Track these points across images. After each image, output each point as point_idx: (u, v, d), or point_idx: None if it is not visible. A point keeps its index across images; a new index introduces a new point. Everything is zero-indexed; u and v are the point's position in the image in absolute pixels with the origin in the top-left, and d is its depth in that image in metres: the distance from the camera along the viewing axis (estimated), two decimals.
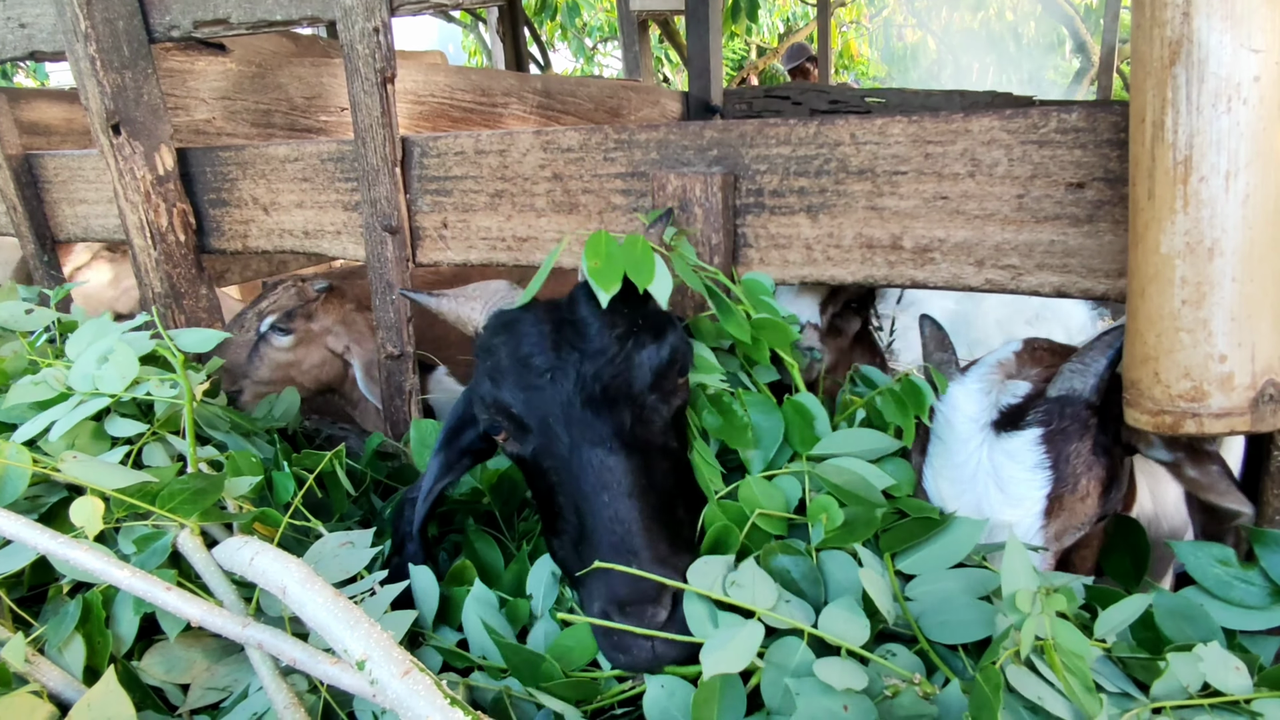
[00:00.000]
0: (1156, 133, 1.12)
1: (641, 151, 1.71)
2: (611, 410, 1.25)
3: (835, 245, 1.59)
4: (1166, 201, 1.12)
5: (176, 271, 2.32)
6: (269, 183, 2.23)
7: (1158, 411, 1.17)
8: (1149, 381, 1.17)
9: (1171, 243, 1.12)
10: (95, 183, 2.50)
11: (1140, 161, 1.16)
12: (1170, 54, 1.09)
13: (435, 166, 1.96)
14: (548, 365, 1.28)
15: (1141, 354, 1.18)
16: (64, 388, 1.58)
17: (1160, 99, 1.11)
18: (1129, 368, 1.22)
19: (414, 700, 0.95)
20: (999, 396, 1.33)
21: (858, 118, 1.52)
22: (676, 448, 1.35)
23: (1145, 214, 1.15)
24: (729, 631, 1.07)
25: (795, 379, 1.49)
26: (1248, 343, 1.11)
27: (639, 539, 1.18)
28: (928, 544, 1.23)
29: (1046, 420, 1.26)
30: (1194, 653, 0.99)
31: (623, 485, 1.21)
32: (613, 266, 1.28)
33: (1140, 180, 1.16)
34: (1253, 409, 1.13)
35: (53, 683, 1.18)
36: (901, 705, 1.01)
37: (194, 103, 2.80)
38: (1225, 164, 1.08)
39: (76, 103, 3.19)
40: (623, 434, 1.25)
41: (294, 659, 1.11)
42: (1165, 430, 1.17)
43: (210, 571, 1.28)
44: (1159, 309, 1.14)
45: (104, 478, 1.32)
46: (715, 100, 4.77)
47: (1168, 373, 1.15)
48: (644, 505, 1.21)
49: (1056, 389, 1.28)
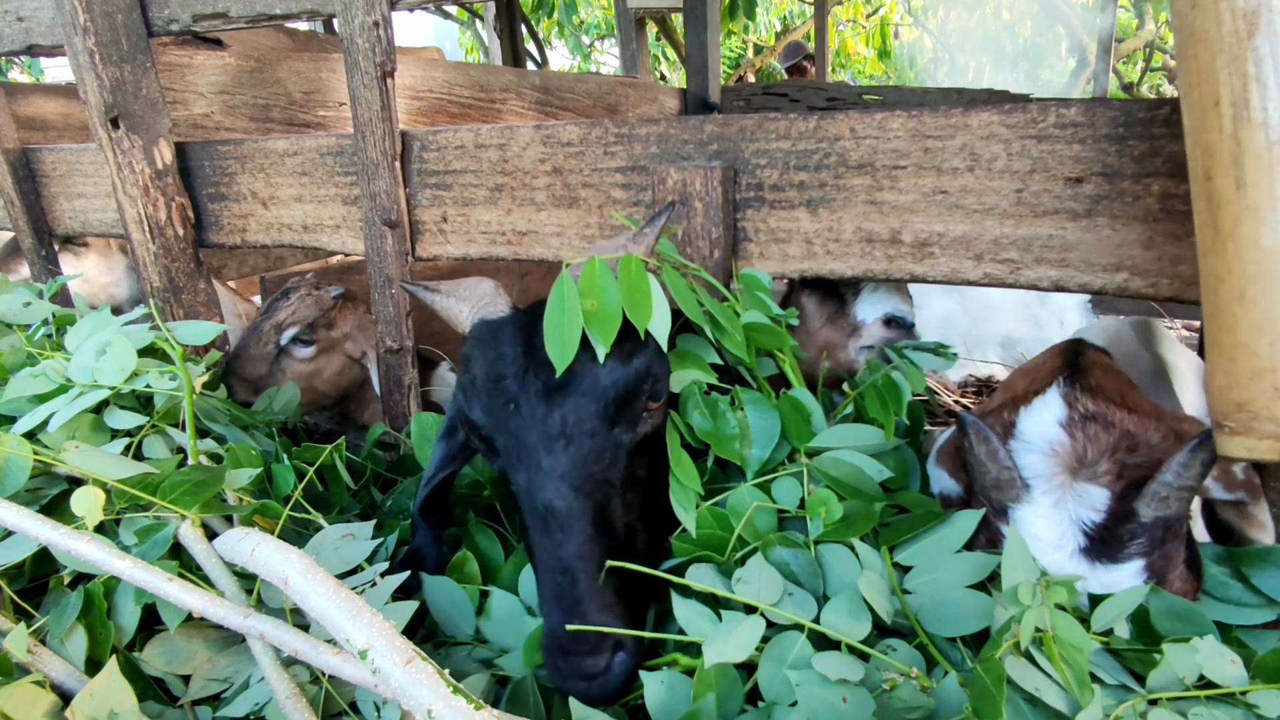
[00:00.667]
0: (1239, 114, 1.00)
1: (642, 146, 1.72)
2: (567, 447, 1.20)
3: (835, 239, 1.59)
4: (1263, 188, 0.99)
5: (175, 266, 2.32)
6: (268, 177, 2.23)
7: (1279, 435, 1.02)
8: (1267, 399, 1.02)
9: (1276, 234, 0.99)
10: (93, 177, 2.50)
11: (1217, 150, 1.03)
12: (1247, 25, 0.98)
13: (435, 161, 1.97)
14: (514, 392, 1.24)
15: (1251, 369, 1.03)
16: (63, 380, 1.58)
17: (1240, 76, 0.99)
18: (1229, 391, 1.07)
19: (417, 689, 0.95)
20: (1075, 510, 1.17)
21: (857, 112, 1.52)
22: (645, 475, 1.31)
23: (1234, 207, 1.02)
24: (730, 625, 1.08)
25: (790, 375, 1.50)
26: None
27: (582, 589, 1.15)
28: (926, 536, 1.23)
29: (1148, 550, 1.12)
30: (1190, 645, 1.00)
31: (571, 532, 1.17)
32: (608, 308, 1.20)
33: (1221, 170, 1.03)
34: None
35: (55, 673, 1.18)
36: (900, 698, 1.02)
37: (192, 97, 2.80)
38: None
39: (73, 98, 3.18)
40: (576, 475, 1.19)
41: (296, 649, 1.11)
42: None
43: (211, 563, 1.28)
44: (1268, 311, 1.00)
45: (106, 468, 1.32)
46: (713, 97, 4.78)
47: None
48: (593, 550, 1.17)
49: (1151, 511, 1.11)
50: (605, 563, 1.18)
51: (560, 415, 1.20)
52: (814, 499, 1.28)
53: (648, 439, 1.29)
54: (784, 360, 1.50)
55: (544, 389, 1.22)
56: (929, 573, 1.18)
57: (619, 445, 1.24)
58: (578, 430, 1.20)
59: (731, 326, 1.42)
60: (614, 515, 1.23)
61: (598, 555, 1.18)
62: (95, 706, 1.09)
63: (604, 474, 1.22)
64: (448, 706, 0.92)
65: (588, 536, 1.17)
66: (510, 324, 1.32)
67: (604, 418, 1.22)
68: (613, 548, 1.21)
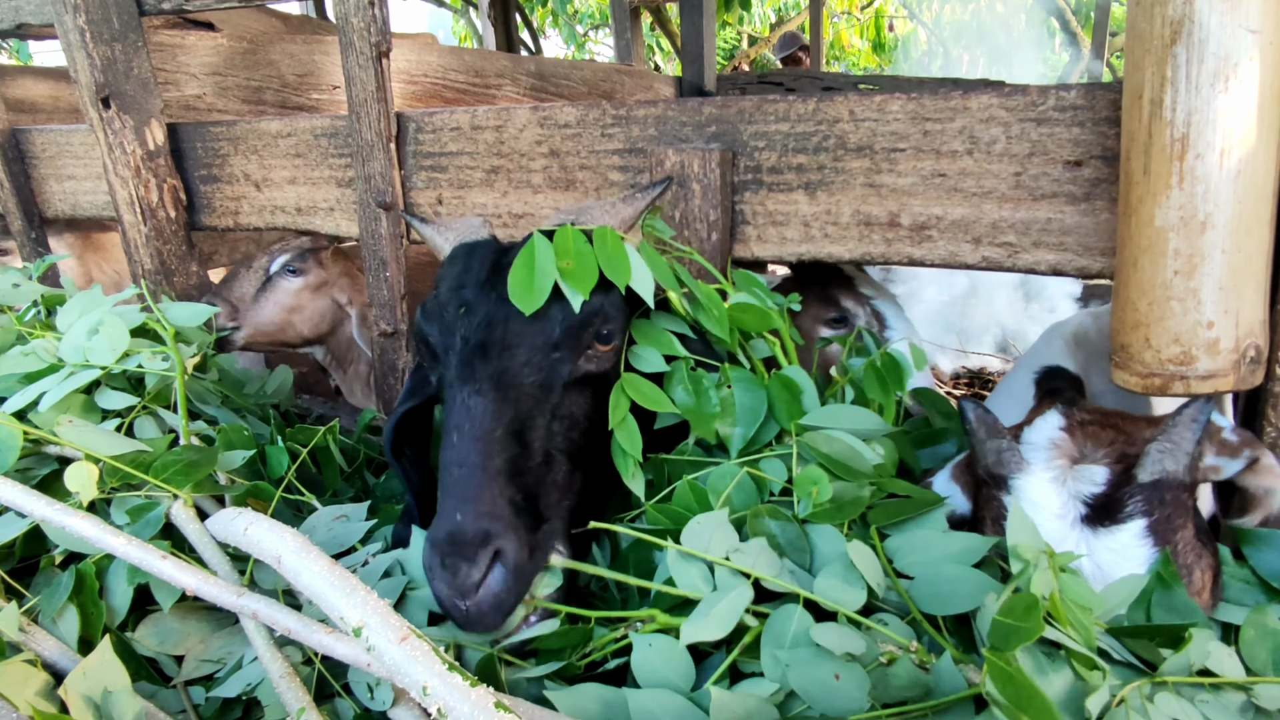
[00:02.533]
0: (1155, 110, 1.15)
1: (639, 127, 1.71)
2: (502, 354, 1.19)
3: (833, 223, 1.59)
4: (1162, 177, 1.16)
5: (167, 248, 2.30)
6: (261, 158, 2.21)
7: (1147, 374, 1.23)
8: (1139, 346, 1.23)
9: (1166, 216, 1.16)
10: (84, 158, 2.47)
11: (1136, 138, 1.19)
12: (1172, 33, 1.11)
13: (430, 142, 1.95)
14: (470, 298, 1.26)
15: (1133, 320, 1.23)
16: (54, 359, 1.56)
17: (1160, 77, 1.14)
18: (1118, 333, 1.27)
19: (412, 666, 0.94)
20: (1075, 485, 1.20)
21: (857, 95, 1.52)
22: (582, 417, 1.28)
23: (1140, 188, 1.19)
24: (719, 595, 1.07)
25: (779, 356, 1.48)
26: (1233, 310, 1.17)
27: (475, 488, 1.09)
28: (918, 521, 1.22)
29: (1148, 509, 1.13)
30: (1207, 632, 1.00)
31: (479, 427, 1.13)
32: (585, 266, 1.21)
33: (1135, 156, 1.19)
34: (1235, 370, 1.20)
35: (47, 652, 1.17)
36: (897, 675, 1.01)
37: (184, 78, 2.77)
38: (1220, 142, 1.11)
39: (63, 80, 3.15)
40: (502, 379, 1.18)
41: (289, 628, 1.10)
42: (1154, 392, 1.23)
43: (204, 543, 1.27)
44: (1151, 279, 1.19)
45: (99, 444, 1.31)
46: (709, 86, 4.76)
47: (1158, 338, 1.20)
48: (500, 457, 1.13)
49: (1149, 473, 1.14)
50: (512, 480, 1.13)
51: (505, 324, 1.22)
52: (803, 477, 1.25)
53: (592, 380, 1.28)
54: (774, 342, 1.48)
55: (498, 299, 1.24)
56: (921, 552, 1.17)
57: (554, 368, 1.23)
58: (516, 339, 1.21)
59: (713, 305, 1.39)
60: (534, 435, 1.19)
61: (504, 465, 1.13)
62: (88, 685, 1.08)
63: (531, 389, 1.21)
64: (443, 683, 0.92)
65: (497, 442, 1.13)
66: (485, 246, 1.35)
67: (545, 336, 1.22)
68: (527, 470, 1.17)
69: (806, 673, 1.00)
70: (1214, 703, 0.97)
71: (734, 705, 0.97)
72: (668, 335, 1.35)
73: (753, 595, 1.08)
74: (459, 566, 1.04)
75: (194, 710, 1.20)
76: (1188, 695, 0.98)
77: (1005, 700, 0.84)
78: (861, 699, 0.96)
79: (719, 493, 1.26)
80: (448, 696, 0.90)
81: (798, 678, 1.00)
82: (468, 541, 1.06)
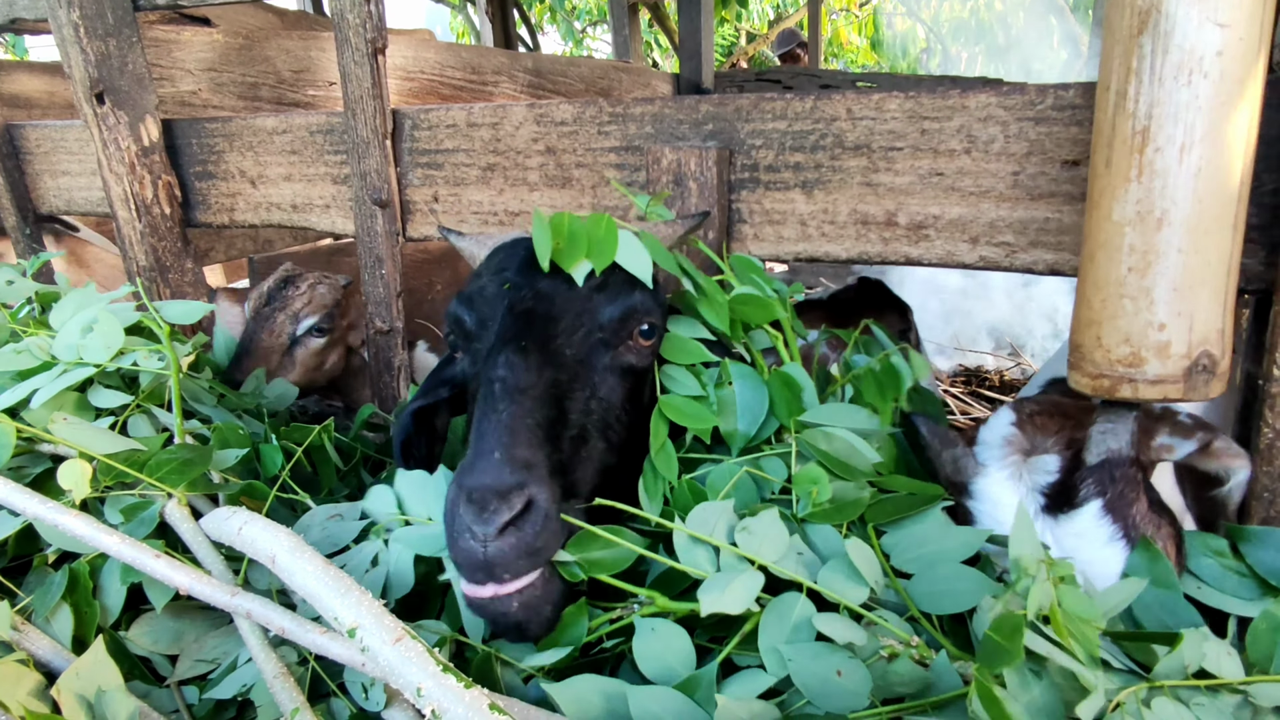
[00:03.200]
0: (1119, 101, 1.13)
1: (636, 125, 1.70)
2: (549, 323, 1.22)
3: (830, 221, 1.58)
4: (1122, 170, 1.13)
5: (162, 245, 2.29)
6: (256, 155, 2.20)
7: (1097, 375, 1.20)
8: (1091, 345, 1.19)
9: (1123, 211, 1.14)
10: (78, 154, 2.46)
11: (1102, 130, 1.17)
12: (1139, 23, 1.09)
13: (426, 140, 1.94)
14: (511, 279, 1.28)
15: (1086, 318, 1.20)
16: (47, 357, 1.55)
17: (1125, 68, 1.12)
18: (1074, 332, 1.23)
19: (406, 667, 0.94)
20: (1031, 478, 1.24)
21: (854, 93, 1.51)
22: (617, 405, 1.28)
23: (1101, 181, 1.17)
24: (728, 574, 1.06)
25: (780, 350, 1.48)
26: (1187, 313, 1.14)
27: (513, 435, 1.08)
28: (915, 518, 1.22)
29: (1101, 489, 1.18)
30: (1200, 632, 1.00)
31: (521, 380, 1.14)
32: (575, 245, 1.25)
33: (1100, 148, 1.17)
34: (1186, 378, 1.16)
35: (40, 651, 1.17)
36: (897, 672, 1.01)
37: (179, 74, 2.76)
38: (1181, 136, 1.09)
39: (58, 75, 3.14)
40: (548, 344, 1.20)
41: (283, 628, 1.10)
42: (1102, 394, 1.19)
43: (198, 542, 1.26)
44: (1106, 275, 1.16)
45: (94, 442, 1.30)
46: (706, 83, 4.75)
47: (1109, 337, 1.18)
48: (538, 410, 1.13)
49: (1095, 454, 1.20)
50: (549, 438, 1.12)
51: (552, 298, 1.24)
52: (802, 475, 1.24)
53: (630, 373, 1.30)
54: (777, 337, 1.47)
55: (545, 275, 1.26)
56: (918, 548, 1.17)
57: (596, 348, 1.26)
58: (563, 312, 1.23)
59: (715, 295, 1.39)
60: (572, 405, 1.20)
61: (542, 421, 1.12)
62: (81, 685, 1.07)
63: (574, 360, 1.22)
64: (437, 684, 0.91)
65: (537, 399, 1.14)
66: (526, 240, 1.35)
67: (591, 315, 1.25)
68: (561, 435, 1.16)
69: (809, 668, 1.00)
70: (1209, 705, 0.96)
71: (739, 712, 0.96)
72: (697, 346, 1.36)
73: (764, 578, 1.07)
74: (488, 502, 0.99)
75: (188, 710, 1.19)
76: (1184, 698, 0.98)
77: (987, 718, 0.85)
78: (863, 695, 0.96)
79: (719, 492, 1.25)
80: (442, 698, 0.90)
81: (799, 672, 1.00)
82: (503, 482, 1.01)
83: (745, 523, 1.13)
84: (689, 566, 1.10)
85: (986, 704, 0.84)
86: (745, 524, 1.13)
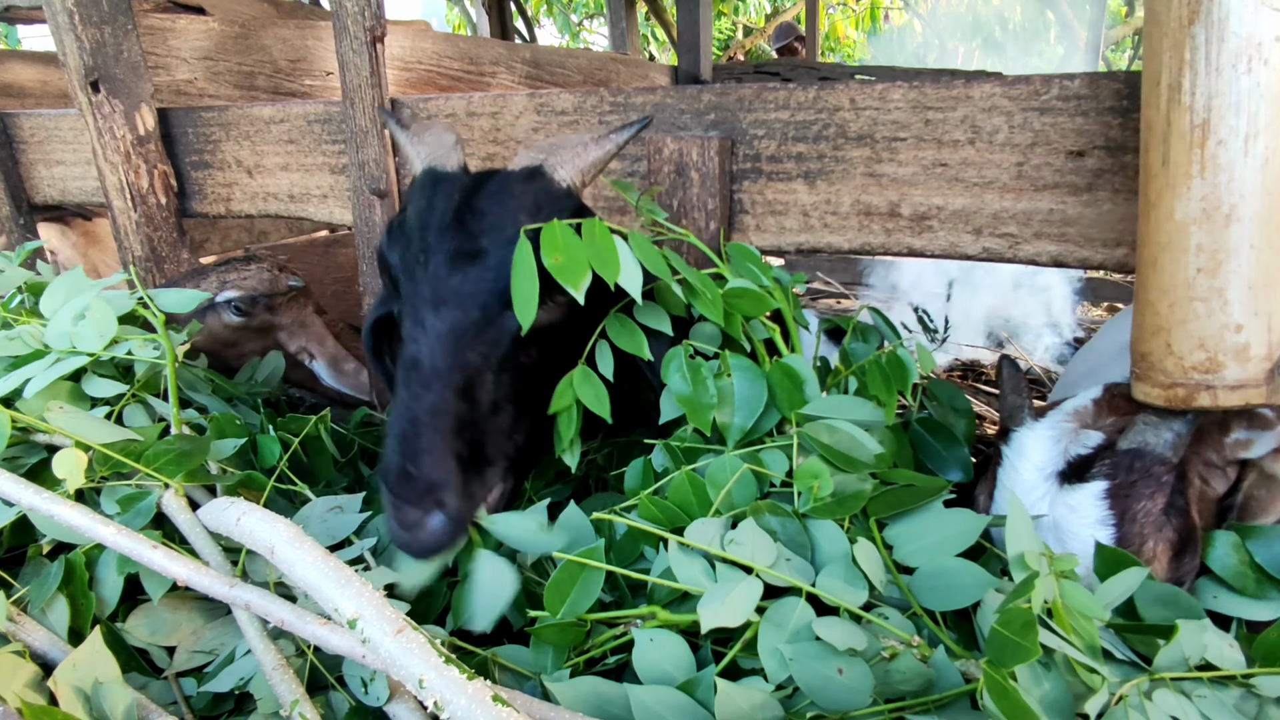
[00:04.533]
0: (1173, 95, 1.08)
1: (637, 115, 1.69)
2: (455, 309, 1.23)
3: (832, 212, 1.57)
4: (1182, 167, 1.08)
5: (157, 235, 2.27)
6: (253, 145, 2.18)
7: (1170, 385, 1.14)
8: (1160, 353, 1.14)
9: (1187, 209, 1.08)
10: (73, 143, 2.44)
11: (1154, 126, 1.12)
12: (1189, 13, 1.05)
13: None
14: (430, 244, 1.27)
15: (1153, 325, 1.15)
16: (40, 345, 1.54)
17: (1178, 60, 1.07)
18: (1138, 341, 1.18)
19: (408, 658, 0.93)
20: (1069, 446, 1.25)
21: (858, 83, 1.50)
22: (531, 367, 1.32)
23: (1159, 180, 1.12)
24: (727, 585, 1.05)
25: (780, 344, 1.45)
26: (1264, 312, 1.08)
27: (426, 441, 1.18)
28: (918, 512, 1.21)
29: (1113, 474, 1.17)
30: (1199, 624, 1.00)
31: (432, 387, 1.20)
32: (576, 261, 1.19)
33: (1154, 146, 1.13)
34: (1269, 380, 1.10)
35: (36, 643, 1.16)
36: (899, 670, 1.00)
37: (175, 62, 2.73)
38: (1244, 126, 1.04)
39: (51, 64, 3.11)
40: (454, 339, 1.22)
41: (282, 619, 1.09)
42: (1178, 404, 1.14)
43: (196, 533, 1.25)
44: (1173, 278, 1.11)
45: (90, 431, 1.29)
46: (704, 76, 4.73)
47: (1180, 344, 1.12)
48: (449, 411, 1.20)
49: (1128, 441, 1.18)
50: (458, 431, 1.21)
51: (460, 279, 1.23)
52: (804, 470, 1.23)
53: (546, 330, 1.30)
54: (774, 329, 1.46)
55: (454, 252, 1.25)
56: (919, 539, 1.16)
57: (506, 325, 1.26)
58: (471, 297, 1.23)
59: (707, 290, 1.36)
60: (482, 390, 1.25)
61: (452, 419, 1.20)
62: (78, 676, 1.06)
63: (484, 347, 1.25)
64: (439, 676, 0.91)
65: (447, 397, 1.20)
66: (453, 180, 1.33)
67: (499, 294, 1.24)
68: (474, 422, 1.23)
69: (810, 667, 0.99)
70: (1211, 698, 0.96)
71: (738, 698, 0.96)
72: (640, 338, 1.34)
73: (763, 586, 1.06)
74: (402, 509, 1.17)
75: (185, 702, 1.18)
76: (1186, 690, 0.97)
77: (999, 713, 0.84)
78: (865, 694, 0.96)
79: (718, 485, 1.24)
80: (444, 690, 0.89)
81: (801, 672, 0.99)
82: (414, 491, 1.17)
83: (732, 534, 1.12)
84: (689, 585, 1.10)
85: (997, 697, 0.84)
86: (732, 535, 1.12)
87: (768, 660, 1.02)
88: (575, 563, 1.13)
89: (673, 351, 1.34)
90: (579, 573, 1.13)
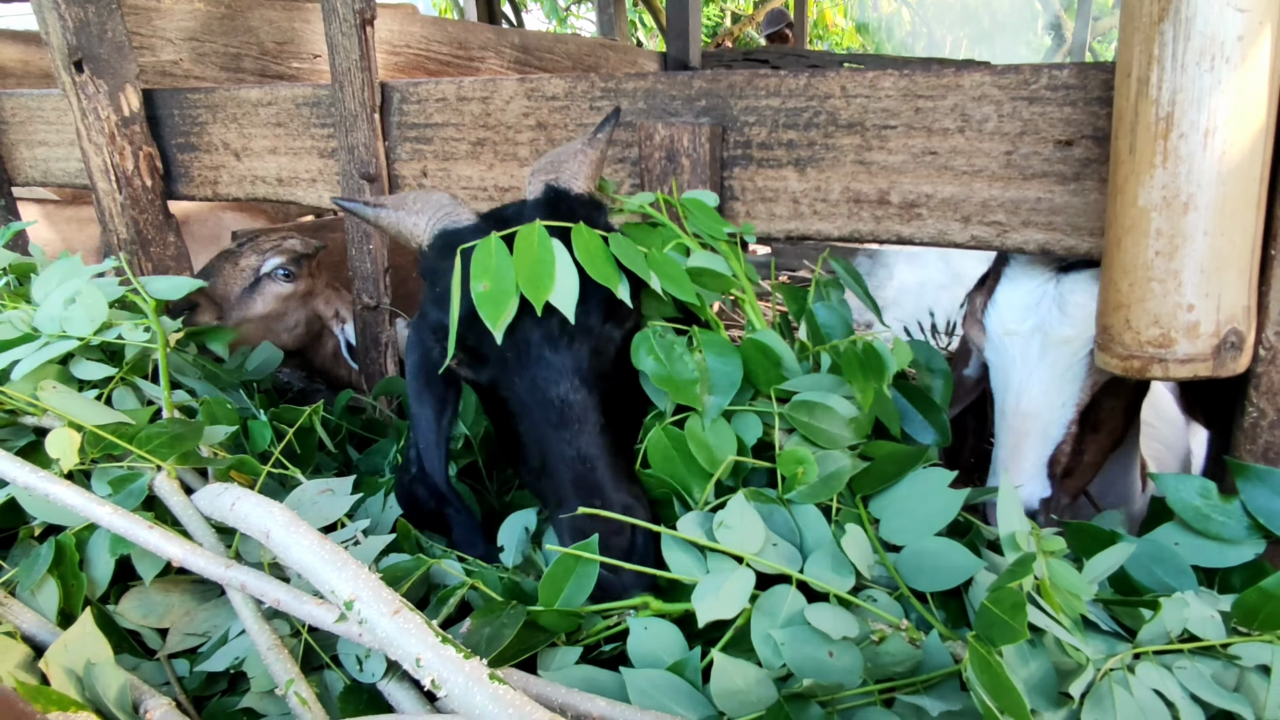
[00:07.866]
0: (1141, 88, 1.15)
1: (628, 101, 1.69)
2: (572, 342, 1.23)
3: (822, 199, 1.58)
4: (1146, 156, 1.15)
5: (143, 217, 2.25)
6: (240, 127, 2.17)
7: (1127, 356, 1.23)
8: (1120, 327, 1.23)
9: (1149, 196, 1.16)
10: (56, 124, 2.41)
11: (1124, 116, 1.19)
12: (1159, 10, 1.11)
13: (415, 113, 1.92)
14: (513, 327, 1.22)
15: (1114, 301, 1.23)
16: (29, 329, 1.53)
17: (1147, 55, 1.13)
18: (1101, 314, 1.27)
19: (405, 639, 0.94)
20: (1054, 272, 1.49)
21: (849, 71, 1.51)
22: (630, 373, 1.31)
23: (1125, 168, 1.19)
24: (720, 576, 1.07)
25: (751, 316, 1.42)
26: (1214, 293, 1.16)
27: (602, 474, 1.19)
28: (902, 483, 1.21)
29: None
30: (1180, 599, 1.02)
31: (584, 422, 1.21)
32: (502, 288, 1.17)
33: (1123, 135, 1.19)
34: (1215, 355, 1.19)
35: (26, 625, 1.15)
36: (888, 652, 1.02)
37: (160, 43, 2.70)
38: (1205, 121, 1.11)
39: (33, 44, 3.06)
40: (581, 370, 1.23)
41: (277, 600, 1.09)
42: (1133, 374, 1.23)
43: (189, 515, 1.25)
44: (1133, 259, 1.19)
45: (82, 412, 1.29)
46: (694, 62, 4.72)
47: (1138, 320, 1.20)
48: (604, 441, 1.21)
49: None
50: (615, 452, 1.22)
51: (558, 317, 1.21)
52: (787, 456, 1.22)
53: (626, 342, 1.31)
54: (744, 301, 1.45)
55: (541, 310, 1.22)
56: (903, 515, 1.18)
57: (612, 340, 1.28)
58: (580, 326, 1.23)
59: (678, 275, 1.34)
60: (614, 412, 1.26)
61: (610, 444, 1.22)
62: (70, 658, 1.06)
63: (604, 367, 1.26)
64: (436, 655, 0.92)
65: (601, 426, 1.22)
66: (480, 232, 1.27)
67: (600, 313, 1.25)
68: (617, 439, 1.25)
69: (801, 650, 1.01)
70: (1191, 669, 0.98)
71: (734, 674, 0.97)
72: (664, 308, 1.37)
73: (755, 576, 1.08)
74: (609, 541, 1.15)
75: (178, 683, 1.19)
76: (1167, 662, 0.99)
77: (982, 687, 0.86)
78: (856, 674, 0.98)
79: (698, 438, 1.24)
80: (441, 668, 0.90)
81: (792, 654, 1.01)
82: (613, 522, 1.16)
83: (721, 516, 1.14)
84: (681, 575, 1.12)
85: (980, 671, 0.85)
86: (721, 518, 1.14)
87: (761, 647, 1.04)
88: (570, 555, 1.14)
89: (640, 335, 1.29)
90: (574, 566, 1.14)
